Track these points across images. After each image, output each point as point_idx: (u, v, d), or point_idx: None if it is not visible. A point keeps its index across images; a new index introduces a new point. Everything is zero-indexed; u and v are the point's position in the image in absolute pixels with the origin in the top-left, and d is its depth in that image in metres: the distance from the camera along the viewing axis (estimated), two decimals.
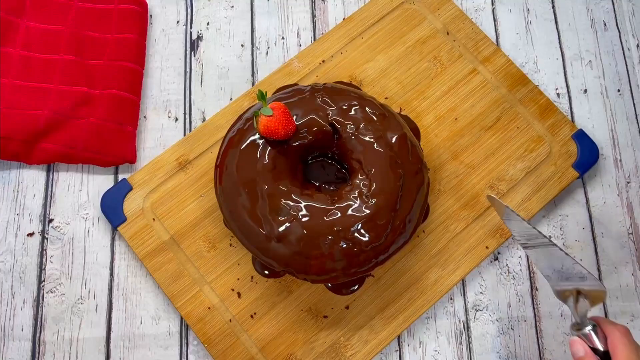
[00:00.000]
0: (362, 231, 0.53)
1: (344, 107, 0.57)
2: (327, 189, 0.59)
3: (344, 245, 0.53)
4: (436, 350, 0.61)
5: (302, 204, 0.54)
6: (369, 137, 0.56)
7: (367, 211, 0.53)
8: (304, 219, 0.53)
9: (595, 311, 0.63)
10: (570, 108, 0.70)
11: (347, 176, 0.59)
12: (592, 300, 0.48)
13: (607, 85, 0.71)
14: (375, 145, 0.56)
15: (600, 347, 0.47)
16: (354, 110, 0.57)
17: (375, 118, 0.57)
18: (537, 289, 0.63)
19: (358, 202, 0.54)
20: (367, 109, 0.58)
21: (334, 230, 0.53)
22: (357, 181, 0.55)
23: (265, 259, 0.55)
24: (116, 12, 0.69)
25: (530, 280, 0.63)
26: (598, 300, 0.47)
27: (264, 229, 0.53)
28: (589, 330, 0.47)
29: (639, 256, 0.65)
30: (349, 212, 0.53)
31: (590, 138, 0.66)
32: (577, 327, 0.48)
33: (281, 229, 0.53)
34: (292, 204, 0.54)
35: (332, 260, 0.53)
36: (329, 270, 0.53)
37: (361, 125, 0.57)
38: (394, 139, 0.56)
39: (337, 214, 0.53)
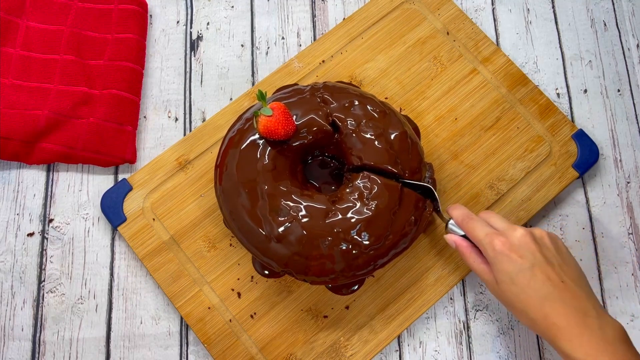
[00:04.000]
0: (362, 233, 0.53)
1: (345, 104, 0.57)
2: (328, 188, 0.59)
3: (344, 247, 0.53)
4: (436, 350, 0.61)
5: (302, 205, 0.54)
6: (369, 134, 0.56)
7: (368, 213, 0.53)
8: (304, 220, 0.53)
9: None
10: (570, 108, 0.70)
11: (345, 175, 0.58)
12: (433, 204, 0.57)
13: (607, 85, 0.71)
14: (375, 142, 0.56)
15: (460, 231, 0.55)
16: (355, 107, 0.57)
17: (376, 115, 0.57)
18: None
19: (359, 204, 0.54)
20: (367, 106, 0.57)
21: (334, 231, 0.53)
22: (359, 182, 0.55)
23: (264, 259, 0.55)
24: (116, 12, 0.69)
25: None
26: (434, 199, 0.57)
27: (263, 229, 0.53)
28: (447, 224, 0.56)
29: (639, 256, 0.65)
30: (349, 213, 0.53)
31: (590, 138, 0.66)
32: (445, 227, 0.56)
33: (281, 229, 0.53)
34: (292, 204, 0.54)
35: (332, 262, 0.53)
36: (329, 272, 0.53)
37: (362, 122, 0.57)
38: (394, 137, 0.56)
39: (338, 215, 0.53)
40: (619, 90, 0.71)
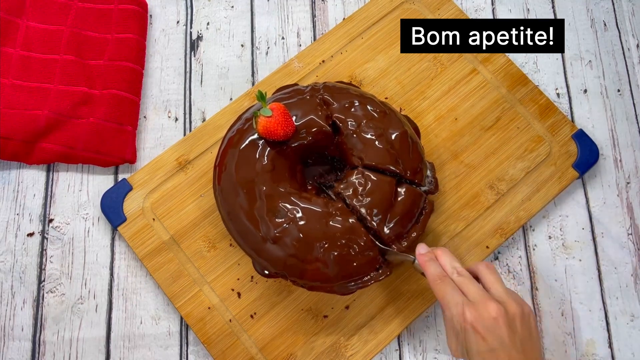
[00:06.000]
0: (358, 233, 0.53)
1: (346, 104, 0.57)
2: (328, 188, 0.59)
3: (339, 251, 0.52)
4: (436, 350, 0.61)
5: (300, 207, 0.54)
6: (370, 135, 0.56)
7: (363, 211, 0.53)
8: (301, 222, 0.53)
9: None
10: (570, 108, 0.70)
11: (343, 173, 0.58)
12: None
13: (607, 85, 0.71)
14: (376, 142, 0.56)
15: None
16: (355, 107, 0.57)
17: (376, 115, 0.57)
18: (537, 289, 0.63)
19: (353, 202, 0.54)
20: (368, 106, 0.57)
21: (330, 234, 0.52)
22: (353, 179, 0.55)
23: (260, 260, 0.55)
24: (116, 12, 0.69)
25: (531, 280, 0.63)
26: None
27: (260, 230, 0.53)
28: (413, 262, 0.53)
29: (639, 256, 0.65)
30: (345, 213, 0.53)
31: (590, 138, 0.66)
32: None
33: (277, 230, 0.53)
34: (289, 206, 0.54)
35: (326, 266, 0.53)
36: (324, 276, 0.53)
37: (362, 123, 0.56)
38: (394, 137, 0.56)
39: (334, 217, 0.53)
40: (619, 90, 0.71)
